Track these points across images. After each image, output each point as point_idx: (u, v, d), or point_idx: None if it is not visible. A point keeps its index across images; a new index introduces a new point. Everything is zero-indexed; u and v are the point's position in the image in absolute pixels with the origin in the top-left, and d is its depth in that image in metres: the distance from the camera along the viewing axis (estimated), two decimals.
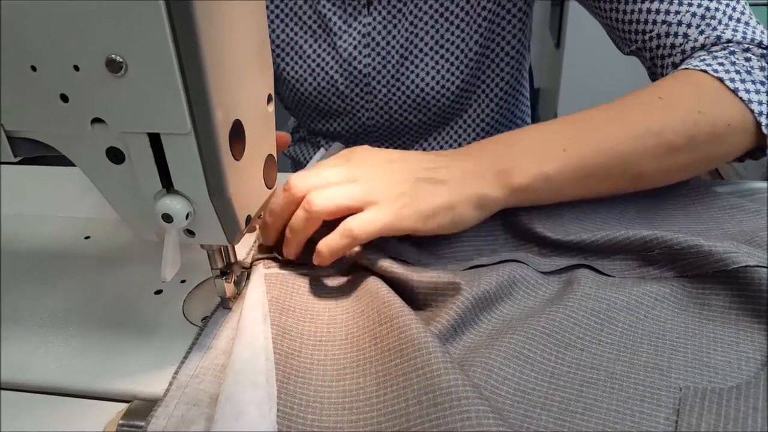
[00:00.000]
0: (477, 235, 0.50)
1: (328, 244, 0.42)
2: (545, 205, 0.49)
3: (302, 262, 0.46)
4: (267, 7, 0.74)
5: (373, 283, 0.43)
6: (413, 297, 0.43)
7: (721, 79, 0.50)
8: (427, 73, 0.72)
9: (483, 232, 0.50)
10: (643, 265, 0.45)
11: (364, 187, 0.44)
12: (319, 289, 0.45)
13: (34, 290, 0.48)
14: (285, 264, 0.47)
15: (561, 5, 2.01)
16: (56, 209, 0.61)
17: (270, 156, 0.41)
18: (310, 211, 0.43)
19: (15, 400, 0.38)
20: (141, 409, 0.36)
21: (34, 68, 0.31)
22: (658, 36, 0.56)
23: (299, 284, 0.45)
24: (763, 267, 0.40)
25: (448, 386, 0.32)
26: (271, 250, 0.48)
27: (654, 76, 0.61)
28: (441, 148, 0.80)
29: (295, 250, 0.45)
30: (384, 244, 0.46)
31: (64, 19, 0.29)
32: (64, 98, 0.32)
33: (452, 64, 0.71)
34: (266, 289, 0.43)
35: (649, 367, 0.37)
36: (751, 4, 1.54)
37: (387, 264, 0.44)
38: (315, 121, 0.80)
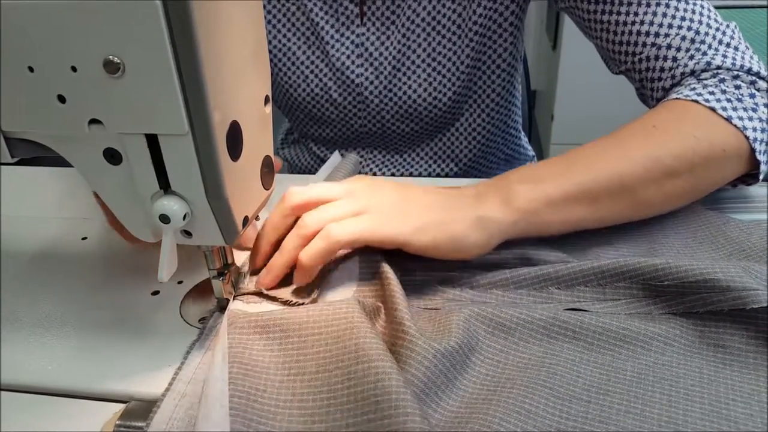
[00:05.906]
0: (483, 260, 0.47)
1: (307, 250, 0.41)
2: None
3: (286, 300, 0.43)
4: None
5: (350, 309, 0.38)
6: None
7: (713, 109, 0.50)
8: (419, 85, 0.72)
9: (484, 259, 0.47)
10: (650, 296, 0.42)
11: (360, 203, 0.43)
12: (291, 310, 0.40)
13: (32, 291, 0.48)
14: (268, 299, 0.43)
15: None
16: (53, 210, 0.61)
17: (267, 157, 0.41)
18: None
19: (12, 400, 0.38)
20: (138, 409, 0.36)
21: (31, 69, 0.31)
22: (648, 58, 0.57)
23: (271, 308, 0.41)
24: None
25: None
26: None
27: (643, 98, 0.61)
28: (434, 154, 0.81)
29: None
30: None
31: (62, 21, 0.29)
32: (62, 99, 0.32)
33: (444, 76, 0.72)
34: (232, 320, 0.39)
35: (663, 421, 0.34)
36: (750, 7, 1.53)
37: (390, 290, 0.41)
38: (308, 126, 0.81)
